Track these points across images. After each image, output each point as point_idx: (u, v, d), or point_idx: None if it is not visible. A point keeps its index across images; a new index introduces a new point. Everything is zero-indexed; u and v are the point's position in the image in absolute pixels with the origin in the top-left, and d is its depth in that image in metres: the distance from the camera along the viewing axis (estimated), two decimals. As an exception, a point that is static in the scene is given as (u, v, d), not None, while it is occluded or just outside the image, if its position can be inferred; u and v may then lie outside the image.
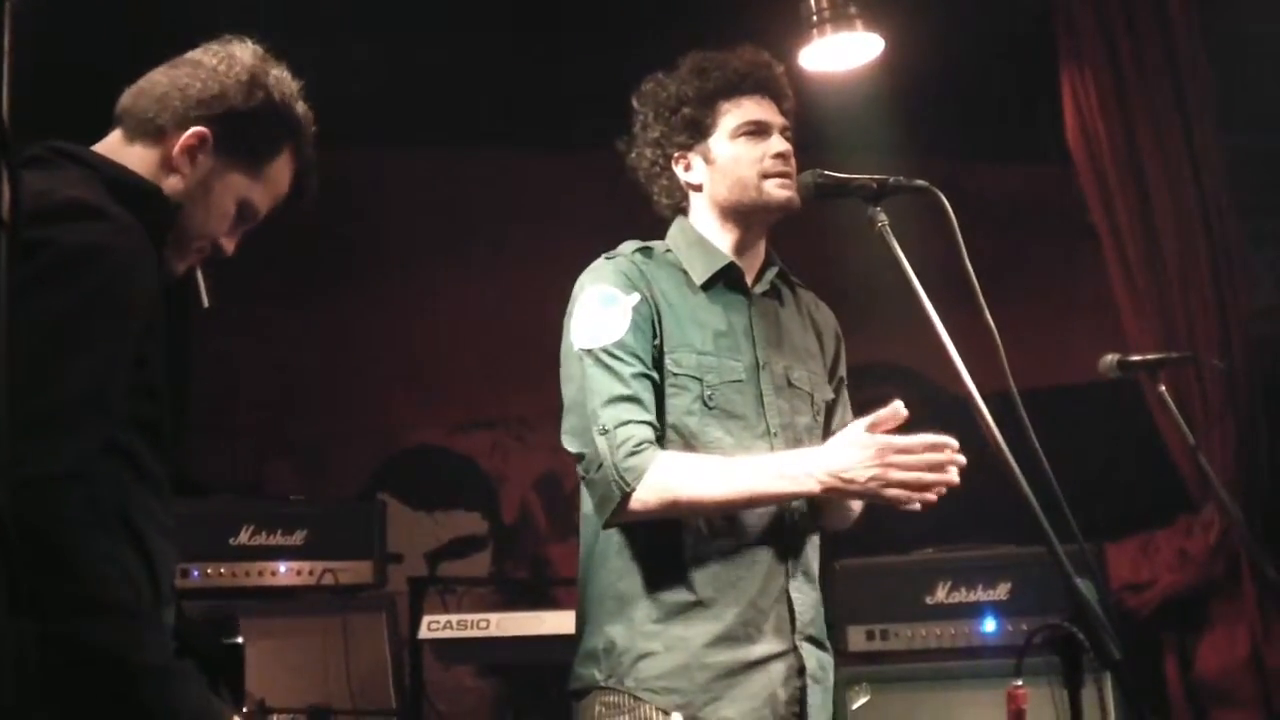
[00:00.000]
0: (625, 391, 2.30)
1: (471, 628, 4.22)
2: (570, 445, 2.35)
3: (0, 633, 1.23)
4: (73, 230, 1.68)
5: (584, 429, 2.32)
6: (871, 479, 2.22)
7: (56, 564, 1.58)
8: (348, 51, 4.31)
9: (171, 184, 1.89)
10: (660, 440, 2.33)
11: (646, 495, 2.26)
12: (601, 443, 2.28)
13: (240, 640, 1.85)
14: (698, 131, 2.50)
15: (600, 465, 2.28)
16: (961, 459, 2.21)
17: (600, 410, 2.30)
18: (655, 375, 2.35)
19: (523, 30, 4.67)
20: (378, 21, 4.43)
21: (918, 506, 2.25)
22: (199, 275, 2.01)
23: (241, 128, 1.92)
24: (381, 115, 5.05)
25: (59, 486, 1.59)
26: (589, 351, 2.35)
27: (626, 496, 2.26)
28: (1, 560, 1.23)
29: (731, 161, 2.48)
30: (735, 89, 2.50)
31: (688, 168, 2.53)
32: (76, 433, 1.63)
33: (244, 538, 4.44)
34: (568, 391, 2.40)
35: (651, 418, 2.31)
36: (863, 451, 2.23)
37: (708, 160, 2.50)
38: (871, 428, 2.24)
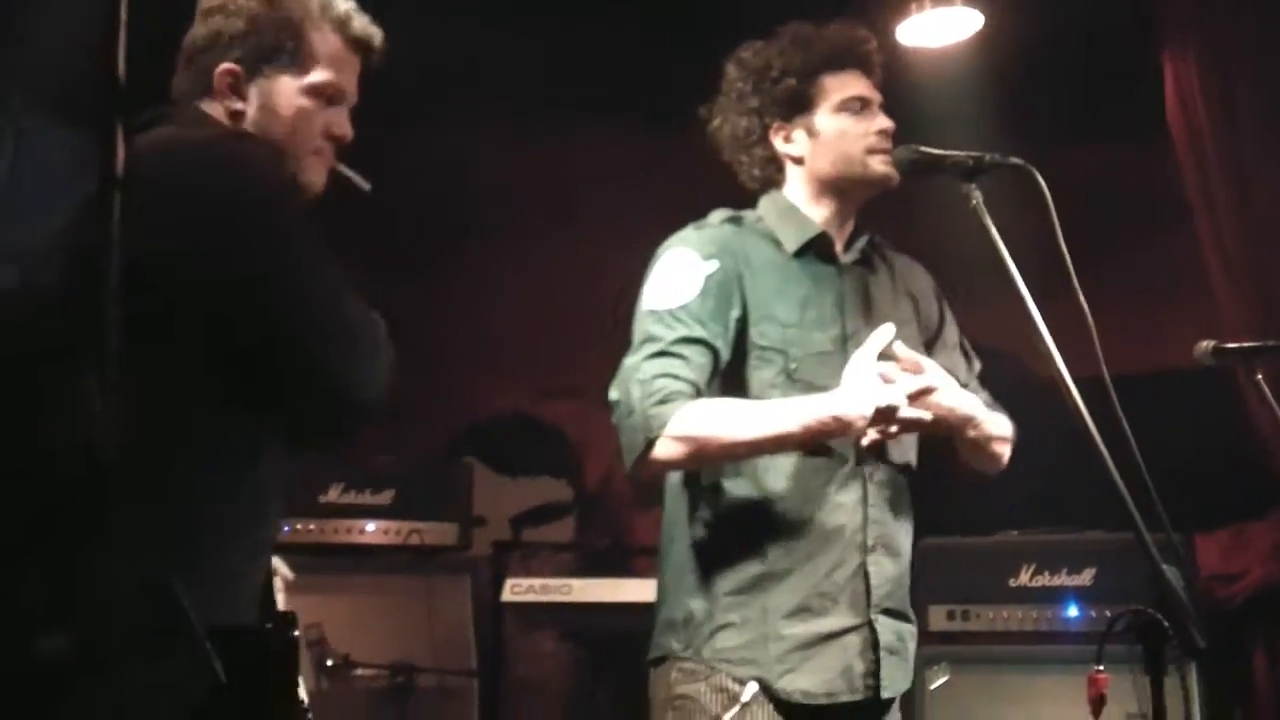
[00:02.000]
0: (674, 350, 2.31)
1: (553, 593, 4.26)
2: (611, 392, 2.35)
3: (107, 577, 1.27)
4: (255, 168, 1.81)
5: (626, 378, 2.33)
6: (888, 407, 2.23)
7: None
8: (437, 29, 4.33)
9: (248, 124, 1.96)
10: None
11: (669, 443, 2.25)
12: (636, 390, 2.29)
13: (298, 634, 1.85)
14: (801, 104, 2.49)
15: (631, 412, 2.28)
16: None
17: (644, 362, 2.31)
18: (716, 344, 2.35)
19: (607, 9, 4.66)
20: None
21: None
22: (343, 170, 2.04)
23: (255, 41, 1.95)
24: (470, 90, 5.08)
25: None
26: (653, 312, 2.37)
27: (650, 444, 2.26)
28: (102, 510, 1.27)
29: (837, 135, 2.47)
30: (838, 63, 2.50)
31: (787, 139, 2.51)
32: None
33: (333, 495, 4.52)
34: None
35: (694, 377, 2.30)
36: (868, 380, 2.24)
37: (810, 133, 2.49)
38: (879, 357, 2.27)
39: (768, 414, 2.29)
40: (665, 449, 2.26)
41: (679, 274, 2.39)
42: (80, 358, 1.19)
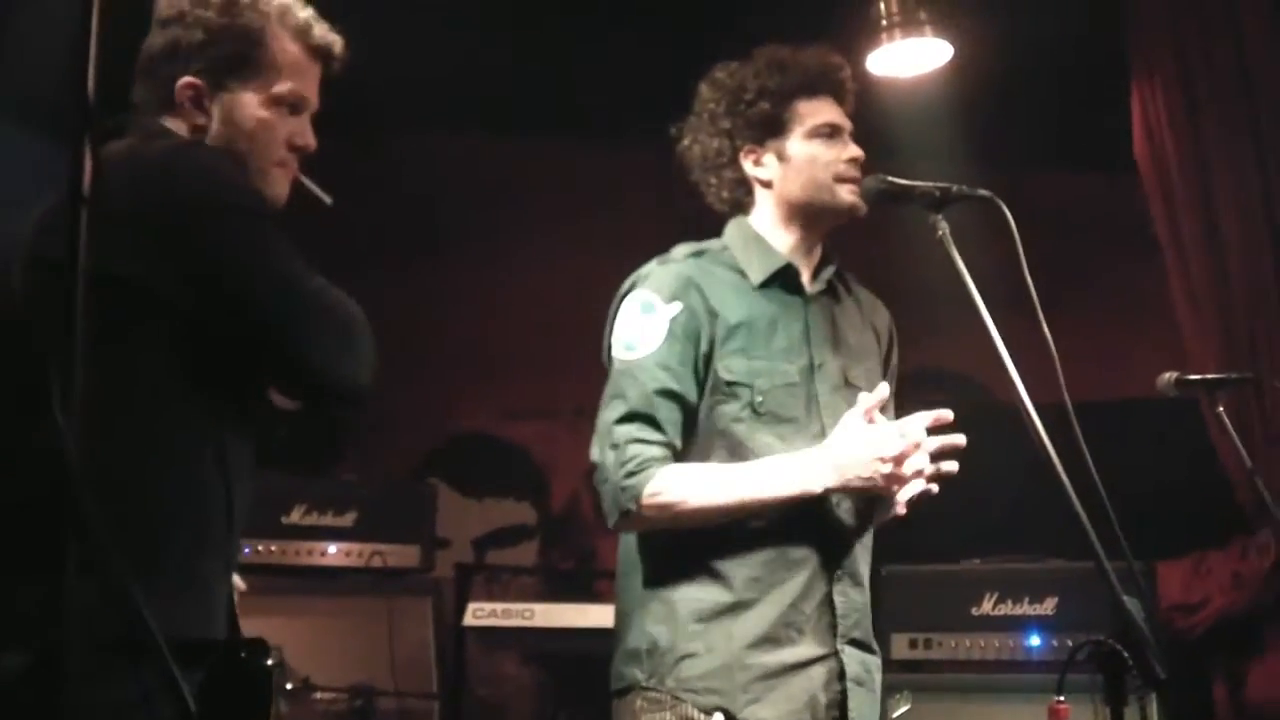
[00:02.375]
0: (642, 409, 2.32)
1: (515, 617, 4.24)
2: (591, 452, 2.38)
3: (70, 592, 1.26)
4: (212, 180, 1.80)
5: (602, 442, 2.35)
6: (871, 474, 2.27)
7: None
8: (412, 37, 4.33)
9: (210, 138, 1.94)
10: (697, 453, 2.35)
11: (644, 513, 2.29)
12: (610, 457, 2.31)
13: (272, 661, 1.82)
14: (774, 127, 2.49)
15: (606, 480, 2.32)
16: (958, 440, 2.29)
17: (615, 426, 2.33)
18: (685, 391, 2.36)
19: (589, 21, 4.68)
20: (439, 6, 4.45)
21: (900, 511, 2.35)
22: (305, 183, 2.03)
23: (215, 53, 1.93)
24: (453, 102, 5.08)
25: None
26: (622, 363, 2.38)
27: (626, 513, 2.30)
28: (70, 525, 1.26)
29: (808, 161, 2.48)
30: (812, 88, 2.50)
31: (758, 163, 2.51)
32: None
33: (295, 517, 4.49)
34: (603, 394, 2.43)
35: (666, 437, 2.33)
36: (862, 446, 2.27)
37: (781, 157, 2.49)
38: (865, 414, 2.29)
39: (737, 483, 2.31)
40: (640, 519, 2.30)
41: (643, 320, 2.39)
42: (49, 367, 1.19)
